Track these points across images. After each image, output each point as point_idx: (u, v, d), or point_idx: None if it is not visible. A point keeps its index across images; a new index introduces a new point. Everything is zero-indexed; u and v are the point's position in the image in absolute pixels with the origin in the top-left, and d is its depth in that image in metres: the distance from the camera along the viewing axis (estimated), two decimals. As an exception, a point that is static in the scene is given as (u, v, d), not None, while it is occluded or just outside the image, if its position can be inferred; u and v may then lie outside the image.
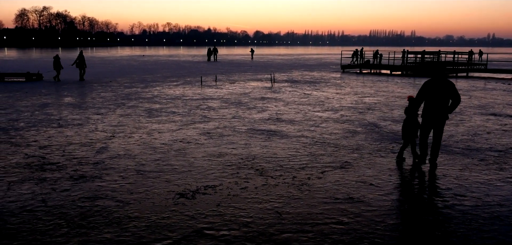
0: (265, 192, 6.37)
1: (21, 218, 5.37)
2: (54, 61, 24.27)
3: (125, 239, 4.84)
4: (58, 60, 24.21)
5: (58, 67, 24.13)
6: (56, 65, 24.21)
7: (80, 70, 24.72)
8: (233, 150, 8.78)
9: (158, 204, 5.91)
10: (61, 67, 24.39)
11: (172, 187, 6.57)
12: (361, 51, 36.67)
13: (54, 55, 24.69)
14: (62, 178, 6.94)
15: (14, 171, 7.34)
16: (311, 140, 9.78)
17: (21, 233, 4.97)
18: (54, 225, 5.19)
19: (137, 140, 9.66)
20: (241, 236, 4.93)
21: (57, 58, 24.18)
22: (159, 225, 5.22)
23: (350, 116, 12.94)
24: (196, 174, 7.21)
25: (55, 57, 24.33)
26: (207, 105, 14.94)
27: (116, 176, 7.06)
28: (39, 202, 5.94)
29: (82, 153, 8.52)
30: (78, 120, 11.95)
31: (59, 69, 24.19)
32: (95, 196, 6.18)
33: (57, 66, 24.15)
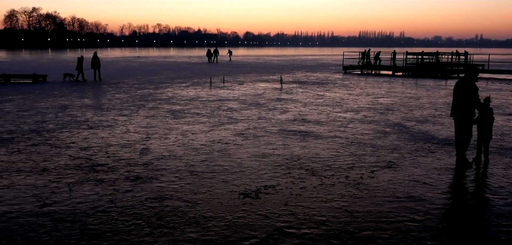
0: (326, 192, 6.49)
1: (98, 219, 5.43)
2: (78, 62, 24.54)
3: (211, 238, 4.93)
4: (81, 61, 24.49)
5: (80, 68, 24.32)
6: (79, 66, 24.39)
7: (94, 71, 25.23)
8: (275, 151, 8.88)
9: (226, 204, 5.99)
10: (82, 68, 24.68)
11: (231, 187, 6.66)
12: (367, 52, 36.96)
13: (79, 56, 25.05)
14: (119, 179, 6.99)
15: (66, 172, 7.37)
16: (346, 140, 9.91)
17: (105, 233, 5.03)
18: (135, 225, 5.25)
19: (175, 141, 9.72)
20: (323, 234, 5.04)
21: (81, 59, 24.51)
22: (238, 224, 5.31)
23: (372, 116, 13.10)
24: (249, 174, 7.30)
25: (79, 58, 24.63)
26: (227, 106, 15.01)
27: (171, 177, 7.13)
28: (108, 202, 6.00)
29: (126, 154, 8.57)
30: (106, 122, 11.97)
31: (81, 70, 24.36)
32: (161, 196, 6.24)
33: (80, 67, 24.36)
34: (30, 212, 5.64)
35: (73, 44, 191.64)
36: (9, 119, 12.33)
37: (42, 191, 6.42)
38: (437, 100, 16.92)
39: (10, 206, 5.81)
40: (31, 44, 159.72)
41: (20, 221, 5.34)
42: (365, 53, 36.22)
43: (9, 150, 8.83)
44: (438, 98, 17.69)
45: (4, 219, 5.39)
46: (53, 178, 7.02)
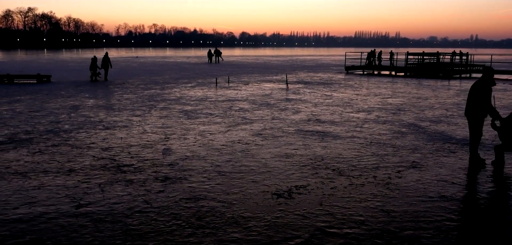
0: (357, 192, 6.52)
1: (137, 219, 5.43)
2: (91, 62, 24.81)
3: (255, 238, 4.95)
4: (96, 61, 24.81)
5: (94, 68, 24.57)
6: (93, 66, 24.63)
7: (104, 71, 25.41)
8: (297, 151, 8.90)
9: (261, 204, 6.01)
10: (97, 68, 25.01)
11: (262, 188, 6.68)
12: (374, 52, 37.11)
13: (92, 56, 25.35)
14: (148, 180, 7.00)
15: (94, 173, 7.36)
16: (365, 140, 9.95)
17: (148, 234, 5.03)
18: (175, 225, 5.26)
19: (194, 141, 9.72)
20: (366, 233, 5.07)
21: (94, 59, 24.80)
22: (278, 224, 5.33)
23: (385, 117, 13.15)
24: (277, 174, 7.33)
25: (93, 58, 24.93)
26: (238, 107, 15.03)
27: (200, 177, 7.14)
28: (142, 203, 6.00)
29: (149, 154, 8.57)
30: (121, 122, 11.96)
31: (95, 70, 24.63)
32: (194, 197, 6.25)
33: (94, 67, 24.60)
34: (68, 213, 5.63)
35: (69, 44, 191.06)
36: (23, 120, 12.29)
37: (74, 192, 6.41)
38: (446, 101, 17.00)
39: (46, 207, 5.80)
40: (26, 44, 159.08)
41: (60, 221, 5.34)
42: (372, 53, 36.31)
43: (31, 151, 8.81)
44: (446, 98, 17.77)
45: (44, 220, 5.38)
46: (81, 179, 7.01)
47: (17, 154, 8.55)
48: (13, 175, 7.18)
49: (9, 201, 6.01)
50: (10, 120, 12.18)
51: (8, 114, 13.30)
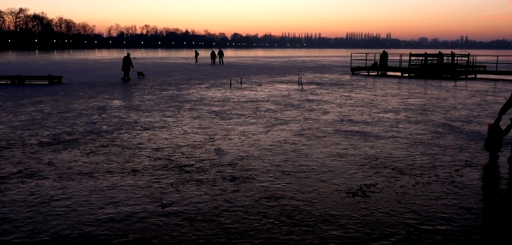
0: (428, 190, 6.65)
1: (229, 218, 5.51)
2: (123, 62, 25.09)
3: (354, 235, 5.05)
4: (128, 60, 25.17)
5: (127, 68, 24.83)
6: (126, 66, 24.85)
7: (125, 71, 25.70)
8: (347, 151, 9.02)
9: (341, 202, 6.11)
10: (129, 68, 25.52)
11: (333, 186, 6.78)
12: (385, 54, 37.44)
13: (125, 55, 25.72)
14: (216, 180, 7.07)
15: (159, 173, 7.42)
16: (407, 140, 10.09)
17: (247, 232, 5.11)
18: (270, 223, 5.34)
19: (241, 142, 9.80)
20: (459, 230, 5.20)
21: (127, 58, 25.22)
22: (369, 221, 5.44)
23: (415, 117, 13.32)
24: (341, 173, 7.44)
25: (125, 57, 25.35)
26: (265, 108, 15.12)
27: (266, 177, 7.22)
28: (225, 202, 6.08)
29: (203, 154, 8.64)
30: (156, 123, 12.02)
31: (127, 70, 24.87)
32: (272, 196, 6.34)
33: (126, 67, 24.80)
34: (156, 212, 5.68)
35: (60, 45, 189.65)
36: (57, 121, 12.28)
37: (150, 191, 6.47)
38: (465, 101, 17.22)
39: (132, 207, 5.85)
40: (17, 46, 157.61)
41: (154, 221, 5.39)
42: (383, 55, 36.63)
43: (83, 152, 8.83)
44: (463, 99, 18.01)
45: (136, 219, 5.44)
46: (151, 179, 7.07)
47: (70, 155, 8.57)
48: (80, 176, 7.20)
49: (91, 201, 6.04)
50: (44, 121, 12.16)
51: (38, 115, 13.27)
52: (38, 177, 7.12)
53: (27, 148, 9.13)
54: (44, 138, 10.08)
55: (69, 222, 5.32)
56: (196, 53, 58.51)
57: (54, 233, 5.00)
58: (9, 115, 13.29)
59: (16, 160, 8.15)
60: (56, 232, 5.04)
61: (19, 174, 7.28)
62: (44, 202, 5.98)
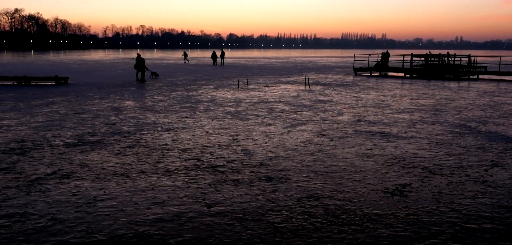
0: (463, 189, 6.77)
1: (276, 218, 5.59)
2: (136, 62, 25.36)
3: (403, 233, 5.15)
4: (143, 62, 25.56)
5: (143, 68, 24.95)
6: (141, 67, 24.96)
7: (140, 72, 25.95)
8: (373, 151, 9.13)
9: (381, 201, 6.21)
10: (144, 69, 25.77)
11: (368, 186, 6.89)
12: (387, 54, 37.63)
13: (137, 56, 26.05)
14: (252, 180, 7.15)
15: (193, 173, 7.49)
16: (428, 140, 10.22)
17: (299, 231, 5.20)
18: (318, 223, 5.43)
19: (265, 142, 9.89)
20: (504, 228, 5.30)
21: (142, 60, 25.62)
22: (414, 221, 5.54)
23: (429, 117, 13.46)
24: (372, 174, 7.55)
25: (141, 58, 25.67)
26: (279, 108, 15.21)
27: (301, 177, 7.32)
28: (267, 202, 6.17)
29: (231, 155, 8.72)
30: (175, 124, 12.09)
31: (143, 70, 25.02)
32: (312, 195, 6.43)
33: (142, 68, 24.94)
34: (203, 212, 5.76)
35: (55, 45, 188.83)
36: (76, 122, 12.32)
37: (190, 192, 6.55)
38: (474, 102, 17.39)
39: (178, 207, 5.93)
40: (13, 46, 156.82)
41: (204, 220, 5.47)
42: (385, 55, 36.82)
43: (111, 152, 8.89)
44: (472, 99, 18.17)
45: (185, 219, 5.51)
46: (187, 179, 7.14)
47: (100, 156, 8.62)
48: (116, 176, 7.27)
49: (135, 201, 6.12)
50: (63, 122, 12.20)
51: (55, 116, 13.30)
52: (75, 178, 7.17)
53: (55, 149, 9.17)
54: (68, 139, 10.12)
55: (120, 222, 5.38)
56: (185, 54, 57.95)
57: (109, 233, 5.07)
58: (26, 116, 13.31)
59: (48, 161, 8.19)
60: (110, 232, 5.11)
61: (55, 175, 7.32)
62: (89, 203, 6.04)
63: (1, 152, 8.83)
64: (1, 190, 6.55)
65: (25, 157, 8.50)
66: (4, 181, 7.00)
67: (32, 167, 7.76)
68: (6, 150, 9.04)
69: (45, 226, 5.25)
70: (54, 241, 4.85)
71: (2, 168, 7.72)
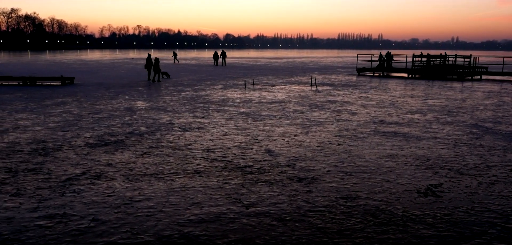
0: (494, 189, 6.83)
1: (318, 218, 5.61)
2: (154, 64, 25.71)
3: (447, 233, 5.18)
4: (158, 62, 25.86)
5: (158, 69, 25.25)
6: (156, 67, 25.31)
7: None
8: (396, 152, 9.17)
9: (416, 202, 6.26)
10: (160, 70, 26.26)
11: (400, 187, 6.92)
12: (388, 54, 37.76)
13: (154, 58, 26.53)
14: (283, 180, 7.17)
15: (222, 174, 7.51)
16: (448, 141, 10.27)
17: (343, 232, 5.22)
18: (360, 223, 5.46)
19: (286, 143, 9.91)
20: (547, 228, 5.33)
21: (157, 60, 26.00)
22: (453, 220, 5.59)
23: (443, 118, 13.52)
24: (401, 174, 7.60)
25: (155, 59, 26.18)
26: (291, 109, 15.24)
27: (330, 177, 7.35)
28: (304, 202, 6.18)
29: (256, 155, 8.74)
30: (192, 124, 12.09)
31: (158, 70, 25.36)
32: (347, 196, 6.46)
33: (157, 68, 25.30)
34: (243, 213, 5.78)
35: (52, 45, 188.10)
36: (92, 122, 12.31)
37: (225, 192, 6.57)
38: (483, 102, 17.47)
39: (216, 208, 5.94)
40: (9, 46, 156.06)
41: (245, 221, 5.49)
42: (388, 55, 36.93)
43: (135, 153, 8.89)
44: (481, 100, 18.26)
45: (227, 220, 5.53)
46: (219, 180, 7.15)
47: (124, 156, 8.62)
48: (146, 177, 7.27)
49: (172, 202, 6.12)
50: (79, 122, 12.19)
51: (69, 116, 13.28)
52: (105, 179, 7.17)
53: (78, 149, 9.16)
54: (89, 139, 10.11)
55: (163, 223, 5.39)
56: (175, 54, 56.81)
57: (154, 234, 5.07)
58: (40, 116, 13.28)
59: (74, 162, 8.18)
60: (156, 233, 5.12)
61: (85, 176, 7.32)
62: (126, 204, 6.04)
63: (25, 153, 8.80)
64: (35, 191, 6.53)
65: (49, 157, 8.48)
66: (35, 181, 6.99)
67: (60, 168, 7.75)
68: (29, 150, 9.02)
69: (89, 227, 5.25)
70: (102, 242, 4.85)
71: (30, 168, 7.70)
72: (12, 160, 8.29)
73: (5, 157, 8.48)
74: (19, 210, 5.77)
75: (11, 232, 5.08)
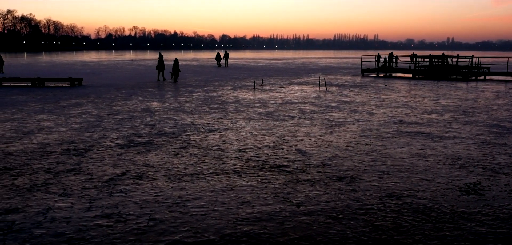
0: (534, 188, 6.90)
1: (370, 216, 5.70)
2: (173, 64, 26.75)
3: (501, 230, 5.28)
4: (177, 63, 26.79)
5: (177, 70, 25.95)
6: (175, 68, 25.96)
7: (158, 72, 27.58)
8: (426, 151, 9.28)
9: (463, 200, 6.36)
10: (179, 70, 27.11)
11: (440, 185, 7.02)
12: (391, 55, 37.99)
13: (174, 59, 27.75)
14: (324, 180, 7.26)
15: (262, 173, 7.58)
16: (473, 141, 10.39)
17: (399, 229, 5.31)
18: (411, 221, 5.55)
19: (315, 142, 10.01)
20: None
21: (176, 61, 27.06)
22: (504, 218, 5.69)
23: (461, 118, 13.66)
24: (437, 172, 7.71)
25: (175, 60, 27.32)
26: (308, 109, 15.33)
27: (369, 176, 7.44)
28: (352, 201, 6.27)
29: (289, 155, 8.82)
30: (214, 125, 12.17)
31: (177, 72, 25.95)
32: (392, 195, 6.56)
33: (176, 69, 25.99)
34: (295, 211, 5.86)
35: (48, 47, 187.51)
36: (114, 123, 12.38)
37: (271, 192, 6.65)
38: (495, 102, 17.63)
39: (268, 207, 6.03)
40: (5, 47, 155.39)
41: (300, 219, 5.57)
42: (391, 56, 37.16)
43: (168, 153, 8.95)
44: (492, 100, 18.43)
45: (282, 218, 5.61)
46: (261, 179, 7.23)
47: (158, 157, 8.69)
48: (188, 177, 7.34)
49: (222, 201, 6.19)
50: (101, 123, 12.25)
51: (89, 117, 13.33)
52: (148, 179, 7.24)
53: (109, 150, 9.21)
54: (117, 140, 10.17)
55: (221, 221, 5.47)
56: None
57: (216, 232, 5.15)
58: (60, 117, 13.31)
59: (110, 162, 8.24)
60: (217, 231, 5.20)
61: (126, 176, 7.38)
62: (177, 203, 6.12)
63: (58, 153, 8.86)
64: (81, 191, 6.59)
65: (84, 158, 8.53)
66: (79, 182, 7.05)
67: (99, 168, 7.81)
68: (62, 151, 9.07)
69: (148, 226, 5.31)
70: (166, 241, 4.93)
71: (69, 169, 7.76)
72: (47, 160, 8.34)
73: (40, 158, 8.52)
74: (73, 210, 5.83)
75: (74, 232, 5.14)
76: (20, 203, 6.07)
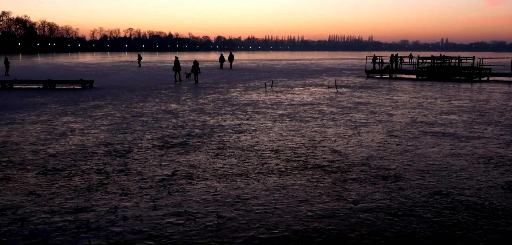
0: None
1: (428, 212, 5.97)
2: (193, 66, 27.66)
3: (556, 226, 5.56)
4: (197, 64, 27.80)
5: (197, 71, 26.87)
6: (195, 69, 26.91)
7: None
8: (457, 151, 9.57)
9: (509, 197, 6.63)
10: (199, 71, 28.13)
11: (482, 183, 7.31)
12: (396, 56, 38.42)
13: (194, 60, 28.80)
14: (368, 179, 7.52)
15: (307, 173, 7.83)
16: (498, 141, 10.70)
17: (458, 224, 5.58)
18: (472, 218, 5.82)
19: (346, 142, 10.29)
20: None
21: (196, 63, 27.99)
22: (554, 214, 5.95)
23: (479, 118, 13.98)
24: (475, 171, 8.00)
25: (194, 61, 28.26)
26: (327, 111, 15.60)
27: (411, 175, 7.71)
28: (404, 198, 6.54)
29: (325, 156, 9.09)
30: (242, 126, 12.40)
31: (197, 73, 26.92)
32: (439, 192, 6.83)
33: (196, 70, 26.87)
34: (354, 208, 6.12)
35: (43, 48, 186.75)
36: (142, 125, 12.60)
37: (324, 190, 6.91)
38: (507, 103, 18.00)
39: (325, 204, 6.29)
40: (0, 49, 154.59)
41: (362, 216, 5.84)
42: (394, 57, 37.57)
43: (208, 154, 9.18)
44: (503, 100, 18.79)
45: (343, 216, 5.86)
46: (309, 179, 7.48)
47: (199, 158, 8.92)
48: (237, 177, 7.58)
49: (280, 200, 6.43)
50: (130, 125, 12.46)
51: (115, 120, 13.52)
52: (199, 178, 7.48)
53: (149, 151, 9.44)
54: (153, 141, 10.38)
55: (288, 219, 5.72)
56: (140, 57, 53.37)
57: (287, 228, 5.40)
58: (86, 119, 13.50)
59: (155, 163, 8.47)
60: (287, 227, 5.44)
61: (177, 176, 7.61)
62: (238, 202, 6.36)
63: (100, 155, 9.07)
64: (140, 191, 6.81)
65: (128, 159, 8.75)
66: (133, 182, 7.27)
67: (147, 169, 8.03)
68: (103, 153, 9.28)
69: (219, 223, 5.55)
70: (245, 237, 5.17)
71: (118, 170, 7.97)
72: (92, 162, 8.55)
73: (83, 159, 8.73)
74: (140, 209, 6.05)
75: (150, 229, 5.37)
76: (85, 203, 6.29)
